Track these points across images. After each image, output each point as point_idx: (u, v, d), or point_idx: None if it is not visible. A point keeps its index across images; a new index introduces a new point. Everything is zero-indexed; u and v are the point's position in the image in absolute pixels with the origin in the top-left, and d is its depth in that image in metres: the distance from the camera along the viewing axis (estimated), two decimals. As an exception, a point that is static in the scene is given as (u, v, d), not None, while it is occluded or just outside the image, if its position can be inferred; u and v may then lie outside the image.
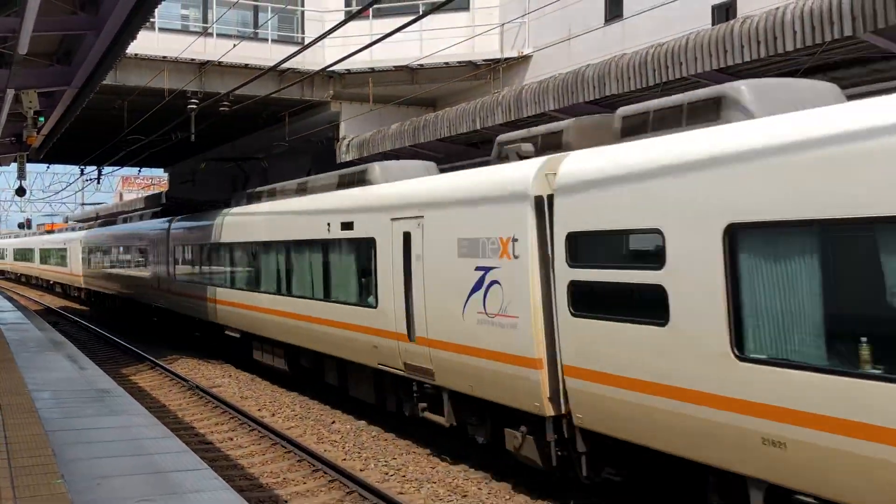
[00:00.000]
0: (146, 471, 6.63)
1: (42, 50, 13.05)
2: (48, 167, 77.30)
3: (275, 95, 20.44)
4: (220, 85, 22.98)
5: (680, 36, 13.05)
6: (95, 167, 38.02)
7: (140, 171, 62.88)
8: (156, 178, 73.48)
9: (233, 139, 32.98)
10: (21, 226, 73.15)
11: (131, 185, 77.00)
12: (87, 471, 6.61)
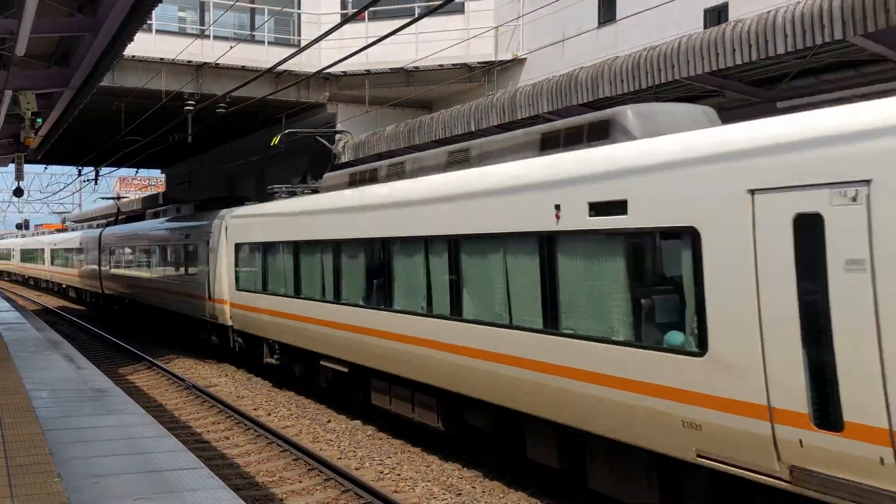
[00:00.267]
0: (143, 469, 6.68)
1: (40, 51, 13.13)
2: (46, 168, 77.26)
3: (271, 97, 20.55)
4: (216, 87, 23.07)
5: (672, 39, 13.15)
6: (93, 168, 38.09)
7: (137, 171, 62.97)
8: (153, 179, 73.52)
9: (231, 140, 33.05)
10: (19, 226, 73.10)
11: (129, 186, 76.98)
12: (84, 469, 6.66)
